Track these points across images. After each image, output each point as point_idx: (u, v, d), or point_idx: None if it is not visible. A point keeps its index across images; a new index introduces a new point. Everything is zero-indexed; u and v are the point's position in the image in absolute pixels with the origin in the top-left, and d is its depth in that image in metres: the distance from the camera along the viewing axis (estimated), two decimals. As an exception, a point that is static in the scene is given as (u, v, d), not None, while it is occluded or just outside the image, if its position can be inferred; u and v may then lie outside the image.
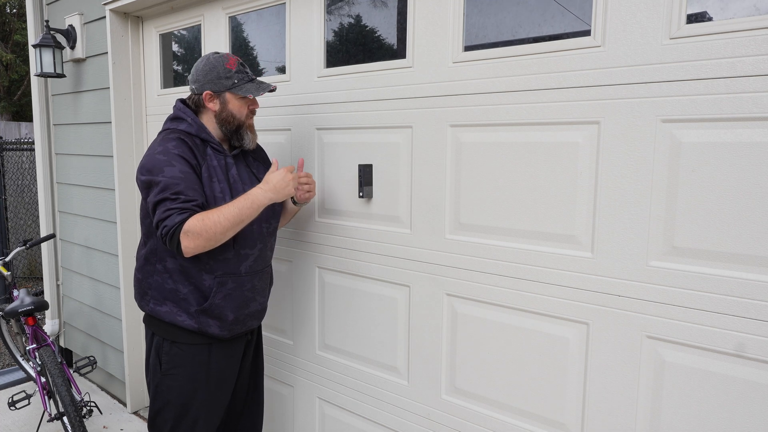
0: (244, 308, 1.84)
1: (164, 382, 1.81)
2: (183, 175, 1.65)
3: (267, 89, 1.80)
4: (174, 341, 1.79)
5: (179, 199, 1.62)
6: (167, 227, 1.60)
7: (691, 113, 1.33)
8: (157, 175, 1.64)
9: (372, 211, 1.99)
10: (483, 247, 1.71)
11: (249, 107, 1.83)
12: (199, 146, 1.76)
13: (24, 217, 6.33)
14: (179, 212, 1.60)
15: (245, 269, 1.82)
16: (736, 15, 1.28)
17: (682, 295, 1.38)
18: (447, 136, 1.77)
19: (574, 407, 1.57)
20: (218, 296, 1.76)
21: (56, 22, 3.33)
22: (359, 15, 2.05)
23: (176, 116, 1.82)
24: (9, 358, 4.28)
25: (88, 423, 3.03)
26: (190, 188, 1.65)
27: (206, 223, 1.60)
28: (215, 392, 1.85)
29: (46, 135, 3.57)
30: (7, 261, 3.14)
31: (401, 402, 1.97)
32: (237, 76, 1.78)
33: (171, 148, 1.69)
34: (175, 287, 1.76)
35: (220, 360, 1.84)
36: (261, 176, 1.92)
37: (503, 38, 1.67)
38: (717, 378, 1.34)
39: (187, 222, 1.59)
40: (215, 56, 1.80)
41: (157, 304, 1.79)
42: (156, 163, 1.65)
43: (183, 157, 1.68)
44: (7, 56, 11.81)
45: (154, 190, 1.64)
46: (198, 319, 1.76)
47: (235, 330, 1.84)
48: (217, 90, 1.78)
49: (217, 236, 1.62)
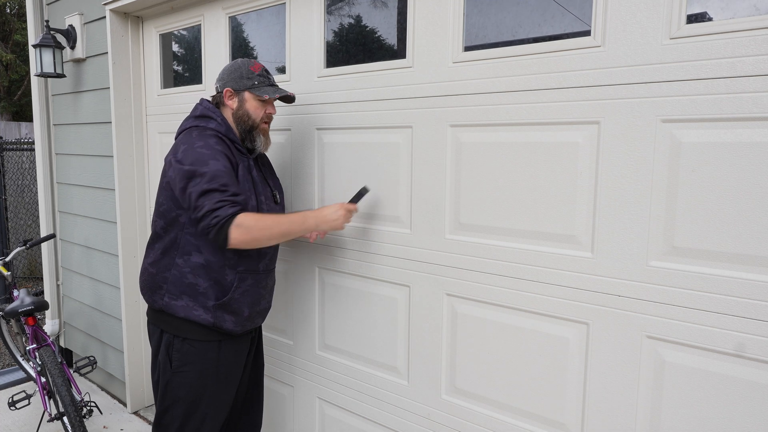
0: (256, 305, 1.89)
1: (174, 380, 1.81)
2: (227, 171, 1.68)
3: (284, 92, 1.85)
4: (185, 338, 1.80)
5: (228, 191, 1.64)
6: (219, 217, 1.60)
7: (691, 113, 1.33)
8: (201, 166, 1.64)
9: (372, 211, 1.99)
10: (483, 247, 1.72)
11: (266, 111, 1.87)
12: (230, 146, 1.80)
13: (24, 217, 6.33)
14: (231, 204, 1.63)
15: (263, 267, 1.88)
16: (736, 15, 1.28)
17: (682, 295, 1.38)
18: (447, 136, 1.77)
19: (574, 407, 1.57)
20: (238, 291, 1.80)
21: (56, 22, 3.33)
22: (359, 15, 2.05)
23: (204, 114, 1.83)
24: (9, 358, 4.28)
25: (88, 423, 3.03)
26: (235, 185, 1.69)
27: (260, 223, 1.65)
28: (223, 389, 1.87)
29: (46, 135, 3.57)
30: (7, 261, 3.14)
31: (401, 402, 1.97)
32: (258, 78, 1.84)
33: (213, 144, 1.71)
34: (195, 281, 1.77)
35: (228, 356, 1.87)
36: (269, 180, 1.97)
37: (503, 38, 1.67)
38: (717, 378, 1.34)
39: (240, 215, 1.62)
40: (243, 60, 1.88)
41: (173, 299, 1.79)
42: (200, 155, 1.67)
43: (225, 154, 1.72)
44: (7, 56, 11.82)
45: (197, 180, 1.64)
46: (215, 313, 1.78)
47: (246, 326, 1.88)
48: (237, 88, 1.83)
49: (263, 239, 1.67)
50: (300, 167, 2.20)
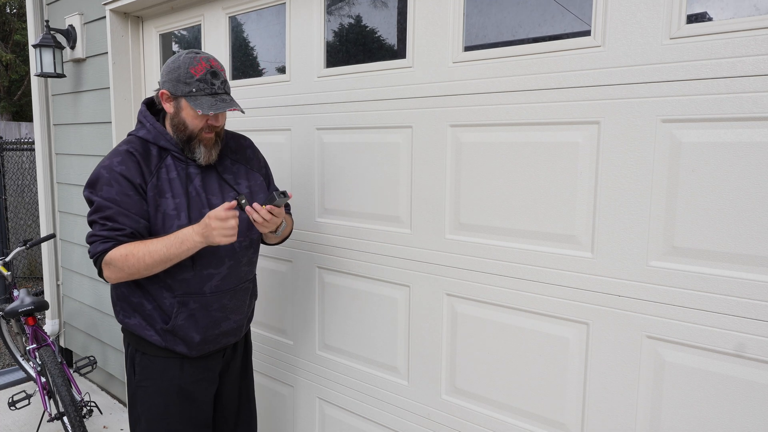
0: (213, 328, 1.72)
1: (138, 393, 1.75)
2: (119, 197, 1.57)
3: (222, 110, 1.58)
4: (145, 353, 1.73)
5: (106, 225, 1.56)
6: (90, 253, 1.59)
7: (691, 113, 1.33)
8: (95, 193, 1.58)
9: (372, 211, 1.99)
10: (483, 247, 1.71)
11: (207, 121, 1.63)
12: (153, 158, 1.64)
13: (24, 217, 6.33)
14: (103, 241, 1.56)
15: (210, 289, 1.68)
16: (736, 15, 1.28)
17: (682, 295, 1.38)
18: (447, 136, 1.77)
19: (574, 407, 1.57)
20: (180, 317, 1.66)
21: (56, 22, 3.33)
22: (359, 15, 2.05)
23: (138, 119, 1.71)
24: (9, 358, 4.28)
25: (88, 423, 3.03)
26: (123, 214, 1.57)
27: (128, 259, 1.54)
28: (189, 408, 1.76)
29: (46, 135, 3.57)
30: (8, 261, 3.14)
31: (401, 402, 1.97)
32: (197, 84, 1.57)
33: (115, 164, 1.59)
34: (141, 301, 1.68)
35: (193, 375, 1.75)
36: (240, 181, 1.78)
37: (503, 38, 1.67)
38: (717, 378, 1.34)
39: (109, 253, 1.55)
40: (187, 56, 1.61)
41: (126, 317, 1.72)
42: (98, 178, 1.59)
43: (124, 176, 1.58)
44: (7, 56, 11.82)
45: (90, 208, 1.61)
46: (164, 337, 1.68)
47: (205, 349, 1.74)
48: (174, 93, 1.61)
49: (140, 271, 1.56)
50: (300, 167, 2.20)
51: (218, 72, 1.62)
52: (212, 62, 1.63)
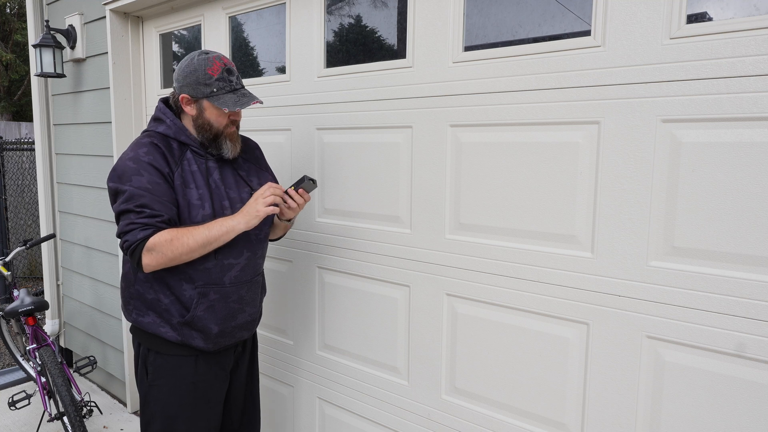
0: (230, 320, 1.75)
1: (151, 393, 1.75)
2: (151, 186, 1.58)
3: (247, 104, 1.65)
4: (158, 352, 1.73)
5: (144, 213, 1.56)
6: (128, 242, 1.56)
7: (692, 113, 1.33)
8: (124, 183, 1.58)
9: (372, 211, 1.99)
10: (483, 247, 1.71)
11: (230, 117, 1.70)
12: (175, 150, 1.68)
13: (24, 217, 6.33)
14: (143, 228, 1.56)
15: (230, 280, 1.72)
16: (736, 15, 1.28)
17: (682, 295, 1.38)
18: (447, 136, 1.77)
19: (574, 407, 1.57)
20: (200, 308, 1.67)
21: (56, 22, 3.33)
22: (359, 15, 2.05)
23: (156, 117, 1.73)
24: (9, 358, 4.28)
25: (88, 423, 3.03)
26: (157, 201, 1.58)
27: (173, 243, 1.55)
28: (203, 406, 1.77)
29: (46, 135, 3.57)
30: (8, 261, 3.14)
31: (401, 402, 1.97)
32: (217, 84, 1.63)
33: (142, 155, 1.61)
34: (157, 297, 1.69)
35: (207, 372, 1.76)
36: (252, 179, 1.83)
37: (503, 38, 1.67)
38: (717, 378, 1.34)
39: (151, 239, 1.55)
40: (200, 58, 1.66)
41: (140, 315, 1.72)
42: (125, 170, 1.59)
43: (153, 165, 1.60)
44: (7, 56, 11.82)
45: (119, 199, 1.59)
46: (181, 331, 1.69)
47: (221, 343, 1.76)
48: (195, 96, 1.65)
49: (182, 256, 1.58)
50: (300, 167, 2.20)
51: (232, 68, 1.69)
52: (224, 60, 1.69)
